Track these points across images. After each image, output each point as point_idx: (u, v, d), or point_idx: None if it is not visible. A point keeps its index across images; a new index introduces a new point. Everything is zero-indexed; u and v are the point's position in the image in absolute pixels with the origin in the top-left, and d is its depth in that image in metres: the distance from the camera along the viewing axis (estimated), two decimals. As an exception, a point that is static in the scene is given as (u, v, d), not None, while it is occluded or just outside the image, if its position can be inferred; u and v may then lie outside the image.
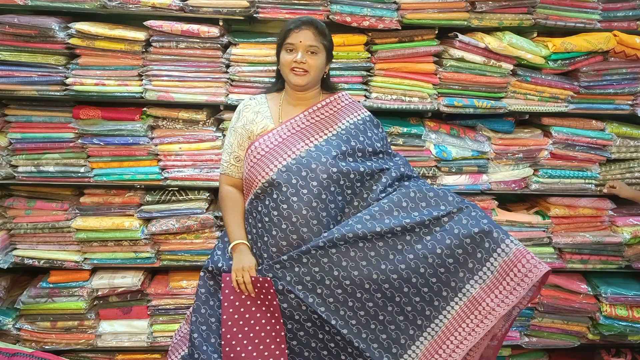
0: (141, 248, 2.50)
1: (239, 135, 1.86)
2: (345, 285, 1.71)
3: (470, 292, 1.71)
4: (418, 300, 1.73)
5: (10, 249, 2.52)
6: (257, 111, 1.86)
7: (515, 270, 1.67)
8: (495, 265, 1.69)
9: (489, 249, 1.70)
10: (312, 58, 1.77)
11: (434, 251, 1.71)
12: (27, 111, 2.38)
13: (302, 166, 1.74)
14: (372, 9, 2.27)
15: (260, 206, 1.78)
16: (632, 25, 2.43)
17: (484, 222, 1.73)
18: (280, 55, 1.80)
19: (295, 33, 1.75)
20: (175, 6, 2.26)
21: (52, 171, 2.41)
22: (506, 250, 1.69)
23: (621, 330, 2.63)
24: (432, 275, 1.72)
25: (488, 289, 1.70)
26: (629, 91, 2.49)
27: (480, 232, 1.71)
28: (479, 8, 2.31)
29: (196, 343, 1.80)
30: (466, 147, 2.50)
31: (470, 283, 1.72)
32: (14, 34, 2.22)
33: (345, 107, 1.90)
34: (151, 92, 2.34)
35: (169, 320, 2.60)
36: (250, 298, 1.76)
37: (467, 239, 1.71)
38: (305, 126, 1.83)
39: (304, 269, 1.71)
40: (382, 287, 1.71)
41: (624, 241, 2.57)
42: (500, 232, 1.72)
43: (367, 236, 1.70)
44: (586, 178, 2.58)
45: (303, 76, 1.78)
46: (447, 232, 1.72)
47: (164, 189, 2.51)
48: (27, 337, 2.54)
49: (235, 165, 1.89)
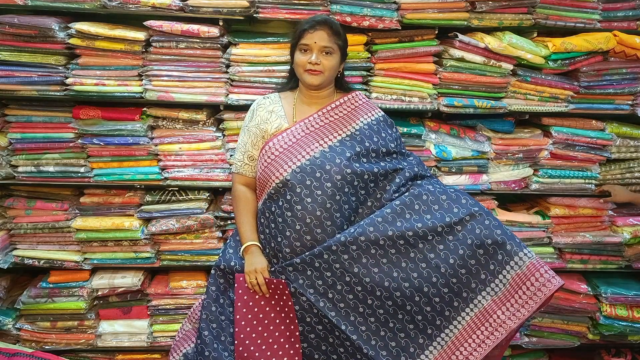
0: (141, 248, 2.50)
1: (252, 134, 1.86)
2: (357, 292, 1.71)
3: (482, 304, 1.70)
4: (429, 309, 1.71)
5: (10, 249, 2.52)
6: (271, 110, 1.86)
7: (528, 284, 1.66)
8: (508, 278, 1.68)
9: (502, 261, 1.69)
10: (326, 58, 1.77)
11: (447, 261, 1.70)
12: (27, 111, 2.38)
13: (316, 167, 1.74)
14: (372, 9, 2.27)
15: (274, 207, 1.78)
16: (632, 25, 2.42)
17: (497, 233, 1.70)
18: (295, 56, 1.80)
19: (309, 34, 1.75)
20: (175, 6, 2.26)
21: (52, 171, 2.42)
22: (519, 264, 1.68)
23: (621, 330, 2.63)
24: (444, 285, 1.70)
25: (500, 301, 1.69)
26: (629, 91, 2.49)
27: (494, 243, 1.69)
28: (479, 8, 2.31)
29: (207, 340, 1.80)
30: (466, 147, 2.51)
31: (482, 294, 1.71)
32: (14, 34, 2.22)
33: (360, 106, 1.90)
34: (151, 92, 2.34)
35: (169, 320, 2.60)
36: (264, 298, 1.76)
37: (480, 250, 1.70)
38: (320, 126, 1.83)
39: (317, 273, 1.71)
40: (393, 295, 1.70)
41: (624, 241, 2.57)
42: (514, 243, 1.70)
43: (379, 241, 1.70)
44: (586, 178, 2.57)
45: (317, 76, 1.78)
46: (460, 241, 1.70)
47: (164, 189, 2.51)
48: (27, 337, 2.54)
49: (249, 165, 1.89)
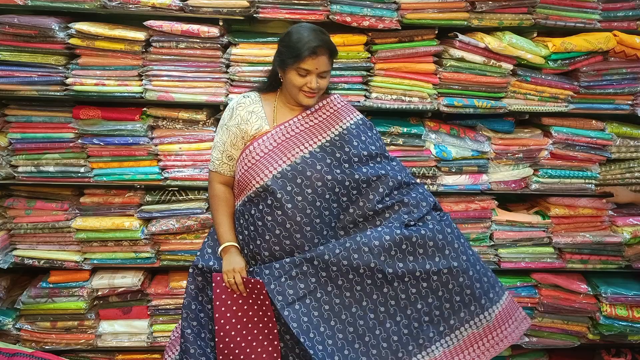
0: (141, 248, 2.50)
1: (232, 134, 1.83)
2: (324, 310, 1.72)
3: (434, 353, 1.78)
4: (385, 346, 1.77)
5: (10, 249, 2.52)
6: (251, 111, 1.83)
7: (489, 336, 1.80)
8: (464, 335, 1.80)
9: (462, 319, 1.79)
10: (323, 80, 1.78)
11: (415, 305, 1.77)
12: (27, 111, 2.38)
13: (297, 173, 1.73)
14: (372, 9, 2.27)
15: (254, 209, 1.77)
16: (632, 25, 2.42)
17: (477, 287, 1.79)
18: (291, 75, 1.75)
19: (311, 60, 1.71)
20: (175, 6, 2.26)
21: (52, 171, 2.42)
22: (482, 321, 1.80)
23: (621, 330, 2.63)
24: (405, 327, 1.78)
25: (450, 354, 1.79)
26: (629, 91, 2.49)
27: (471, 295, 1.79)
28: (479, 8, 2.31)
29: (190, 339, 1.80)
30: (466, 147, 2.50)
31: (436, 345, 1.79)
32: (14, 34, 2.22)
33: (339, 110, 1.88)
34: (151, 92, 2.34)
35: (169, 320, 2.60)
36: (241, 297, 1.76)
37: (457, 297, 1.78)
38: (300, 131, 1.82)
39: (290, 282, 1.71)
40: (357, 323, 1.75)
41: (624, 241, 2.57)
42: (487, 300, 1.81)
43: (359, 269, 1.72)
44: (586, 178, 2.58)
45: (313, 98, 1.79)
46: (432, 290, 1.78)
47: (164, 189, 2.51)
48: (27, 337, 2.55)
49: (228, 164, 1.87)
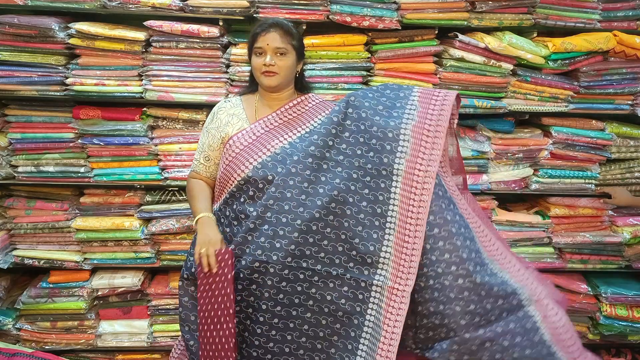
0: (141, 248, 2.50)
1: (211, 136, 1.87)
2: (278, 312, 1.71)
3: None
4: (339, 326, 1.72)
5: (10, 249, 2.52)
6: (232, 113, 1.87)
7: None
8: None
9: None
10: (280, 59, 1.79)
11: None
12: (27, 111, 2.38)
13: (277, 163, 1.75)
14: (372, 9, 2.27)
15: (236, 204, 1.78)
16: (632, 25, 2.42)
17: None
18: (252, 59, 1.82)
19: (262, 37, 1.77)
20: (175, 6, 2.26)
21: (52, 171, 2.41)
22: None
23: (621, 330, 2.63)
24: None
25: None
26: (629, 91, 2.49)
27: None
28: (479, 8, 2.31)
29: (194, 350, 1.80)
30: (466, 147, 2.50)
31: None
32: (14, 34, 2.22)
33: (315, 107, 1.91)
34: (151, 92, 2.34)
35: (169, 320, 2.60)
36: (212, 275, 1.69)
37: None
38: (278, 125, 1.85)
39: (255, 275, 1.70)
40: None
41: (624, 241, 2.57)
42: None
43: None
44: (586, 178, 2.57)
45: (273, 77, 1.79)
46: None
47: (164, 189, 2.51)
48: (27, 337, 2.54)
49: (204, 165, 1.90)
